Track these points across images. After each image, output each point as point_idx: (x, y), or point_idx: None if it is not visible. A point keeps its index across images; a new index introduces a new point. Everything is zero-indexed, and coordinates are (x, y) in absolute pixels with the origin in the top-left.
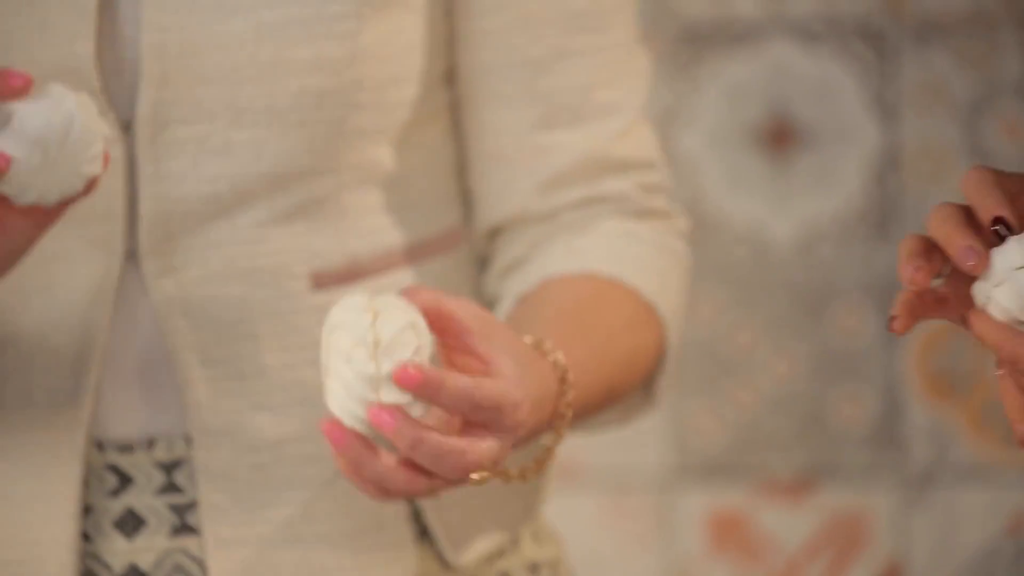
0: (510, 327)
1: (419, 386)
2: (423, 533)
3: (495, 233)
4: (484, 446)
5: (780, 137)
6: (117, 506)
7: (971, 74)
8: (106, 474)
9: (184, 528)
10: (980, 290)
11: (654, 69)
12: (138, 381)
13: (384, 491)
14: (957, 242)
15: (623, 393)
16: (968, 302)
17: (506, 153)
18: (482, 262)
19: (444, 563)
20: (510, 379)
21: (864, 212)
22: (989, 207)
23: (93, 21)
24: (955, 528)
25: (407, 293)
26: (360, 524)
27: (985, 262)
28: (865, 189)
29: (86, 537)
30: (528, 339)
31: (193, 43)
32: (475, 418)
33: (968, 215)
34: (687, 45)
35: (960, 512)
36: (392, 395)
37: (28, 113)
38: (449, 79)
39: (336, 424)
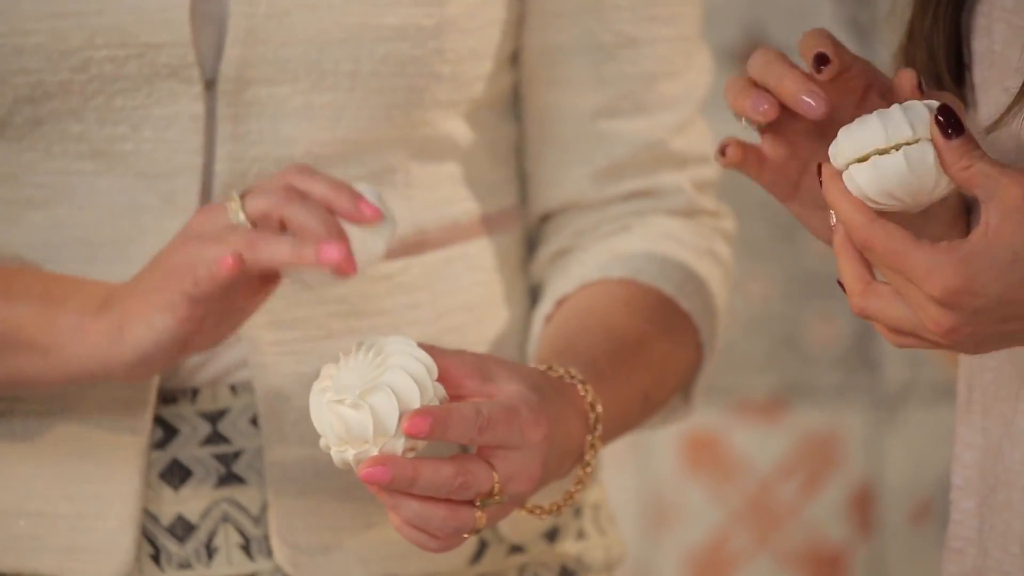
0: (515, 362)
1: (431, 429)
2: None
3: (546, 217)
4: (475, 466)
5: None
6: (163, 458)
7: None
8: (152, 426)
9: (230, 478)
10: (838, 155)
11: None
12: None
13: (433, 536)
14: (794, 85)
15: (659, 401)
16: (787, 166)
17: (565, 138)
18: (531, 244)
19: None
20: (515, 395)
21: None
22: (812, 44)
23: None
24: (927, 448)
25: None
26: None
27: (825, 104)
28: None
29: None
30: (558, 370)
31: (282, 3)
32: (485, 440)
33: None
34: None
35: (932, 432)
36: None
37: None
38: (514, 61)
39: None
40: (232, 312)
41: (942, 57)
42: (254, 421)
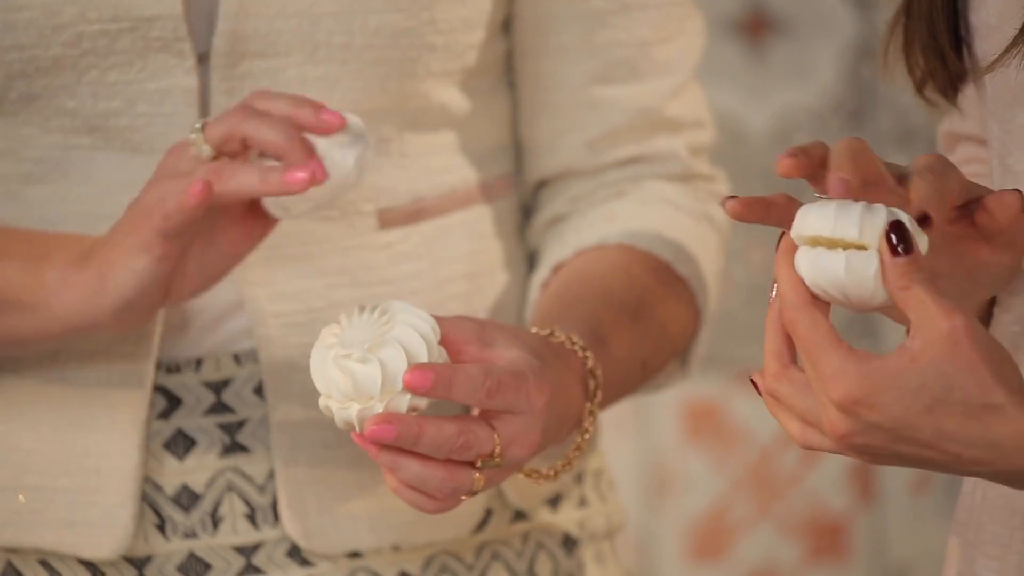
0: (516, 327)
1: (433, 385)
2: None
3: (542, 184)
4: (478, 427)
5: (756, 27)
6: (167, 428)
7: None
8: (155, 396)
9: (235, 447)
10: (793, 229)
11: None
12: (194, 307)
13: (431, 498)
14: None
15: (657, 366)
16: None
17: (560, 106)
18: (527, 211)
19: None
20: (519, 360)
21: (839, 102)
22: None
23: None
24: None
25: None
26: None
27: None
28: (840, 79)
29: None
30: (559, 336)
31: None
32: (493, 404)
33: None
34: None
35: None
36: (397, 401)
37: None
38: (506, 28)
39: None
40: (215, 255)
41: (943, 31)
42: (258, 390)
